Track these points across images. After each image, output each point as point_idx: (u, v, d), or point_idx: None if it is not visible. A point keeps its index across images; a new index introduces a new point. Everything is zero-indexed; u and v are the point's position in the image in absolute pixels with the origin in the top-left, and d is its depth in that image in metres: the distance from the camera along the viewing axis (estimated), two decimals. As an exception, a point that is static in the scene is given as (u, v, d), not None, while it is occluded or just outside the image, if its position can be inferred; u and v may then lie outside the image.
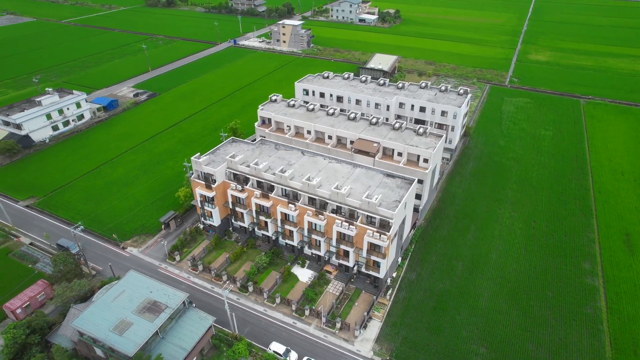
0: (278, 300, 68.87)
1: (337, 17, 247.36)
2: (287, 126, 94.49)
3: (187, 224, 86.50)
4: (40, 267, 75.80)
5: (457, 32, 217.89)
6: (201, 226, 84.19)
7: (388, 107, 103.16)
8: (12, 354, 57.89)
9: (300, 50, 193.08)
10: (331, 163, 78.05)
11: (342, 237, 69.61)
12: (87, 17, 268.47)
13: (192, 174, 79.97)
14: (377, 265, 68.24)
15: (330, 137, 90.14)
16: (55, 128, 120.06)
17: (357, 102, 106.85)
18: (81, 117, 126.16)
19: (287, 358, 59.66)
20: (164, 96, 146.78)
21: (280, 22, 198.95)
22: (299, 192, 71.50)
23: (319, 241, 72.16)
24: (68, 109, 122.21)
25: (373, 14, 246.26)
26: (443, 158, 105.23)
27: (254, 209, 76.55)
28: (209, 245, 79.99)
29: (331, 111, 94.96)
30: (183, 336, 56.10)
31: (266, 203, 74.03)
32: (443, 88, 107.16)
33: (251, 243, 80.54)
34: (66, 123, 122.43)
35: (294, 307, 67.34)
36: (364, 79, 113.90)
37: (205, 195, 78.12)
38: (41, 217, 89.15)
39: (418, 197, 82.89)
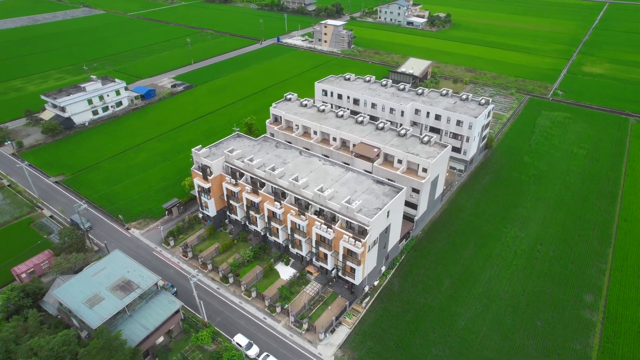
0: (254, 294, 70.31)
1: (385, 18, 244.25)
2: (296, 125, 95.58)
3: (189, 212, 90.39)
4: (51, 238, 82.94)
5: (508, 40, 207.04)
6: (200, 215, 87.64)
7: (403, 112, 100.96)
8: (7, 313, 64.05)
9: (340, 50, 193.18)
10: (325, 165, 78.04)
11: (321, 240, 69.52)
12: (151, 10, 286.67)
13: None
14: (353, 271, 67.45)
15: (334, 139, 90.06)
16: (95, 112, 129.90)
17: (373, 105, 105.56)
18: (119, 103, 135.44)
19: (246, 351, 60.84)
20: (199, 88, 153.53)
21: (323, 21, 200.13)
22: (286, 190, 72.35)
23: (301, 241, 72.62)
24: (108, 95, 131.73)
25: (423, 17, 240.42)
26: (456, 169, 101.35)
27: (244, 203, 78.53)
28: (203, 235, 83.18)
29: (340, 113, 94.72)
30: (149, 317, 59.13)
31: (255, 199, 75.59)
32: (464, 97, 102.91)
33: (242, 236, 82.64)
34: (105, 108, 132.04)
35: (267, 303, 68.42)
36: (384, 82, 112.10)
37: (202, 186, 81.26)
38: (64, 193, 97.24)
39: (414, 206, 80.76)
